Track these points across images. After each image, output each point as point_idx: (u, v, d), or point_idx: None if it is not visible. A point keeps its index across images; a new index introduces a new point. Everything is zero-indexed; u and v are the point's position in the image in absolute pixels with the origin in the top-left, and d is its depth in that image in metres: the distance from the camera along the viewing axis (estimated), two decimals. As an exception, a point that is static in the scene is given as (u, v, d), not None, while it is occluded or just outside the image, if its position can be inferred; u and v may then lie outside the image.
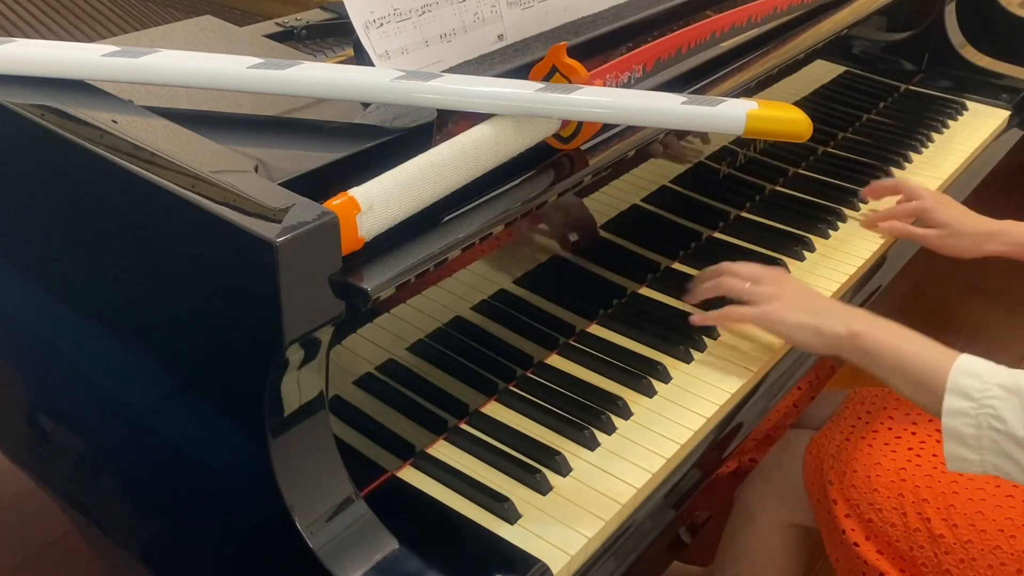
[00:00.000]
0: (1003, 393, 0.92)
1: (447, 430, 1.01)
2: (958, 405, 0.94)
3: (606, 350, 1.13)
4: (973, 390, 0.94)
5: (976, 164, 1.66)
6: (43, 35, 1.45)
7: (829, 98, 1.65)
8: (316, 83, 0.87)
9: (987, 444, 0.93)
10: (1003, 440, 0.92)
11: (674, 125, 0.95)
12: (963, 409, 0.94)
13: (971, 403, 0.94)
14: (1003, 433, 0.92)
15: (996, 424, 0.92)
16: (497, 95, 0.88)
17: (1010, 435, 0.91)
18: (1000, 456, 0.93)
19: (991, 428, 0.92)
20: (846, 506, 1.14)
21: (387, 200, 0.78)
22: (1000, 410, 0.92)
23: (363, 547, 0.80)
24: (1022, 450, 0.91)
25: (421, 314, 0.97)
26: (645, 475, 0.98)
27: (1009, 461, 0.92)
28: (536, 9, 1.11)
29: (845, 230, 1.41)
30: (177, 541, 0.93)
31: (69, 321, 0.95)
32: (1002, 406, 0.92)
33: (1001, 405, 0.92)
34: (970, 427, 0.93)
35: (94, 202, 0.86)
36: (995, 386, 0.93)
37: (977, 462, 0.95)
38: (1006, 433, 0.91)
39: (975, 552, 1.06)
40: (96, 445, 0.98)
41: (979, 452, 0.94)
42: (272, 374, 0.75)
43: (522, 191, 0.93)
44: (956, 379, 0.95)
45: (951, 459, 0.96)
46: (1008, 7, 1.95)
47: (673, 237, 1.31)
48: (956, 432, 0.95)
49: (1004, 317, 2.32)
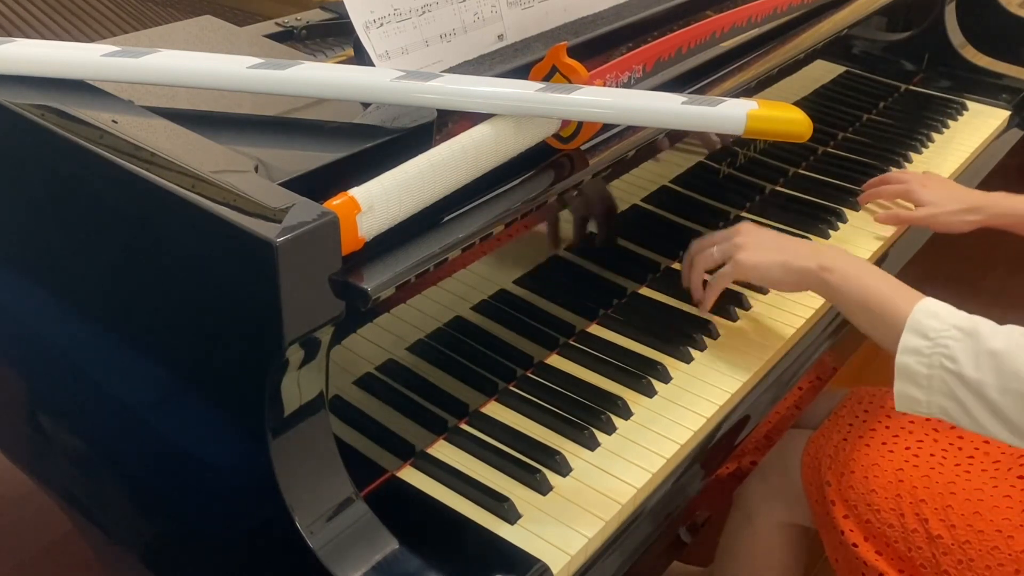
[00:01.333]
0: (959, 334, 0.93)
1: (447, 430, 1.01)
2: (914, 343, 0.95)
3: (606, 350, 1.13)
4: (930, 329, 0.94)
5: (976, 164, 1.66)
6: (43, 35, 1.45)
7: (829, 98, 1.65)
8: (316, 83, 0.87)
9: (937, 384, 0.93)
10: (952, 380, 0.92)
11: (674, 125, 0.95)
12: (918, 347, 0.94)
13: (927, 342, 0.94)
14: (953, 373, 0.92)
15: (948, 364, 0.92)
16: (497, 95, 0.88)
17: (960, 376, 0.92)
18: (947, 397, 0.93)
19: (943, 368, 0.93)
20: (844, 507, 1.14)
21: (387, 200, 0.78)
22: (954, 350, 0.92)
23: (363, 547, 0.80)
24: (968, 391, 0.92)
25: (421, 314, 0.97)
26: (645, 475, 0.98)
27: (955, 403, 0.93)
28: (536, 9, 1.11)
29: (845, 230, 1.41)
30: (177, 541, 0.93)
31: (69, 321, 0.95)
32: (956, 347, 0.92)
33: (956, 346, 0.92)
34: (922, 366, 0.94)
35: (94, 202, 0.86)
36: (952, 327, 0.93)
37: (924, 402, 0.95)
38: (956, 373, 0.92)
39: (973, 553, 1.06)
40: (96, 445, 0.98)
41: (928, 392, 0.94)
42: (272, 374, 0.75)
43: (522, 191, 0.93)
44: (916, 318, 0.96)
45: (899, 398, 0.97)
46: (1008, 7, 1.95)
47: (673, 237, 1.31)
48: (908, 370, 0.95)
49: (1004, 317, 2.31)
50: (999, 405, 0.91)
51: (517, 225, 1.01)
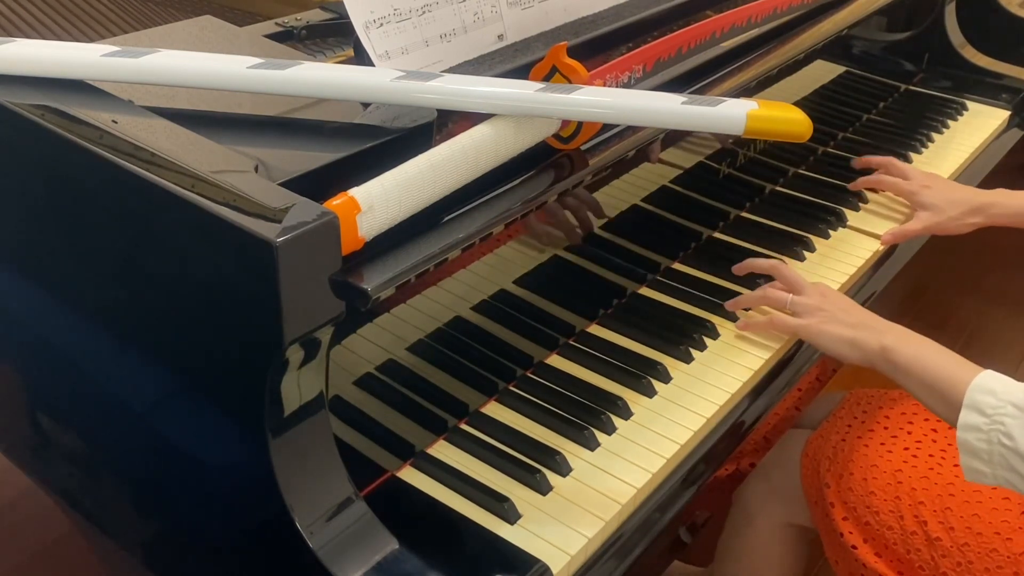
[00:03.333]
0: (1015, 411, 0.94)
1: (447, 430, 1.01)
2: (972, 420, 0.96)
3: (606, 350, 1.13)
4: (987, 406, 0.95)
5: (976, 164, 1.66)
6: (43, 35, 1.45)
7: (829, 98, 1.65)
8: (316, 83, 0.87)
9: (997, 459, 0.95)
10: (1011, 456, 0.94)
11: (674, 125, 0.94)
12: (976, 424, 0.96)
13: (984, 419, 0.95)
14: (1011, 450, 0.93)
15: (1006, 441, 0.94)
16: (497, 95, 0.88)
17: (1018, 452, 0.93)
18: (1009, 471, 0.95)
19: (1001, 444, 0.94)
20: (843, 508, 1.14)
21: (387, 200, 0.77)
22: (1010, 427, 0.94)
23: (363, 547, 0.80)
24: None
25: (421, 314, 0.97)
26: (645, 475, 0.98)
27: (1017, 476, 0.94)
28: (536, 9, 1.11)
29: (845, 230, 1.41)
30: (177, 541, 0.93)
31: (69, 321, 0.95)
32: (1012, 424, 0.93)
33: (1012, 423, 0.94)
34: (982, 442, 0.95)
35: (94, 202, 0.86)
36: (1008, 404, 0.95)
37: (990, 475, 0.97)
38: (1014, 450, 0.93)
39: (971, 555, 1.06)
40: (96, 445, 0.98)
41: (991, 466, 0.96)
42: (272, 374, 0.75)
43: (522, 191, 0.93)
44: (973, 395, 0.97)
45: (967, 470, 0.98)
46: (1008, 7, 1.95)
47: (673, 237, 1.31)
48: (969, 446, 0.96)
49: (1004, 317, 2.31)
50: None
51: (517, 225, 1.01)
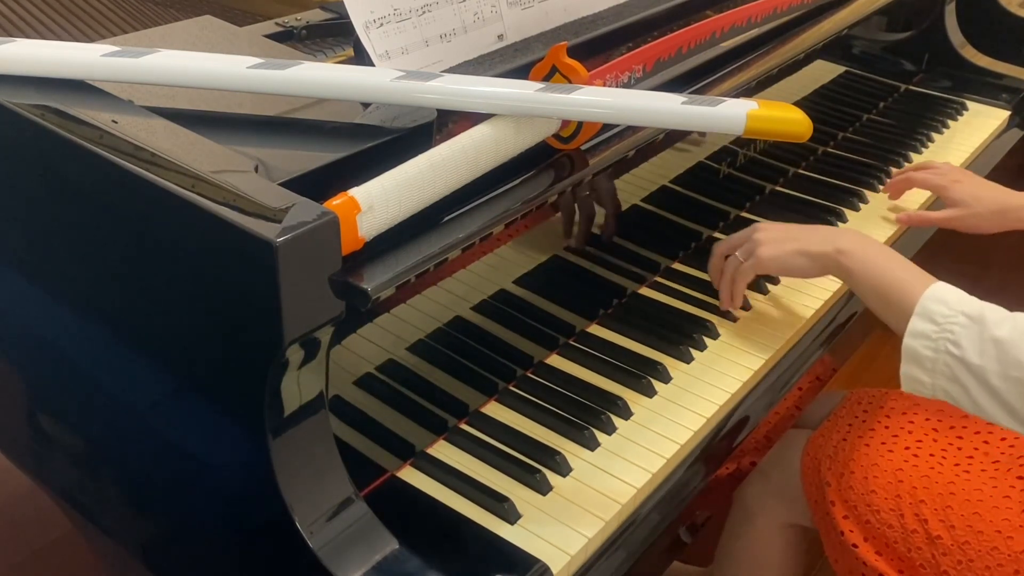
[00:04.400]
0: (966, 321, 0.95)
1: (447, 430, 1.01)
2: (921, 327, 0.97)
3: (606, 350, 1.13)
4: (938, 315, 0.97)
5: (976, 164, 1.66)
6: (43, 35, 1.45)
7: (829, 98, 1.65)
8: (316, 83, 0.87)
9: (941, 368, 0.96)
10: (956, 365, 0.95)
11: (674, 125, 0.95)
12: (925, 331, 0.97)
13: (934, 327, 0.96)
14: (957, 358, 0.95)
15: (953, 349, 0.95)
16: (497, 95, 0.88)
17: (963, 361, 0.94)
18: (950, 381, 0.96)
19: (947, 352, 0.95)
20: (844, 507, 1.14)
21: (387, 200, 0.77)
22: (959, 336, 0.95)
23: (363, 547, 0.80)
24: (971, 376, 0.94)
25: (421, 314, 0.97)
26: (645, 475, 0.98)
27: (958, 387, 0.95)
28: (536, 9, 1.11)
29: (848, 227, 1.41)
30: (177, 541, 0.93)
31: (69, 321, 0.95)
32: (962, 333, 0.95)
33: (961, 332, 0.95)
34: (928, 350, 0.96)
35: (94, 202, 0.86)
36: (960, 313, 0.96)
37: (929, 385, 0.98)
38: (960, 359, 0.94)
39: (972, 553, 1.06)
40: (96, 445, 0.98)
41: (932, 375, 0.97)
42: (272, 374, 0.75)
43: (522, 191, 0.93)
44: (925, 303, 0.98)
45: (905, 379, 0.99)
46: (1008, 7, 1.95)
47: (673, 237, 1.31)
48: (914, 353, 0.98)
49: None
50: (1000, 391, 0.93)
51: (517, 225, 1.01)
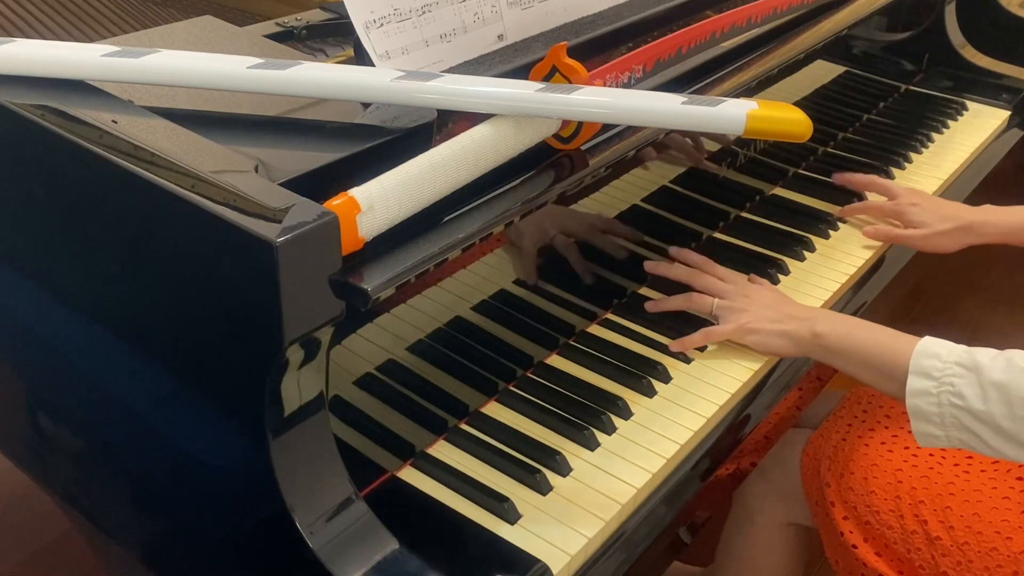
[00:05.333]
0: (961, 371, 0.96)
1: (447, 430, 1.01)
2: (920, 385, 0.98)
3: (606, 350, 1.13)
4: (934, 369, 0.98)
5: (976, 164, 1.66)
6: (43, 35, 1.45)
7: (829, 98, 1.65)
8: (316, 83, 0.87)
9: (949, 420, 0.97)
10: (963, 415, 0.95)
11: (674, 125, 0.95)
12: (925, 388, 0.98)
13: (932, 382, 0.97)
14: (963, 409, 0.95)
15: (956, 401, 0.96)
16: (497, 95, 0.88)
17: (969, 410, 0.95)
18: (962, 431, 0.96)
19: (952, 405, 0.96)
20: (844, 508, 1.14)
21: (387, 200, 0.77)
22: (959, 387, 0.96)
23: (363, 547, 0.80)
24: (981, 424, 0.95)
25: (421, 314, 0.97)
26: (645, 475, 0.98)
27: (971, 435, 0.96)
28: (536, 9, 1.11)
29: (845, 230, 1.41)
30: (177, 541, 0.93)
31: (69, 321, 0.95)
32: (961, 383, 0.96)
33: (960, 383, 0.96)
34: (932, 405, 0.97)
35: (94, 202, 0.86)
36: (954, 364, 0.97)
37: (943, 437, 0.98)
38: (965, 408, 0.95)
39: (972, 554, 1.06)
40: (96, 445, 0.98)
41: (943, 428, 0.98)
42: (272, 374, 0.75)
43: (522, 191, 0.93)
44: (918, 360, 0.99)
45: (919, 435, 1.00)
46: (1008, 7, 1.95)
47: (673, 237, 1.31)
48: (920, 411, 0.98)
49: (1005, 317, 2.31)
50: (1012, 432, 0.94)
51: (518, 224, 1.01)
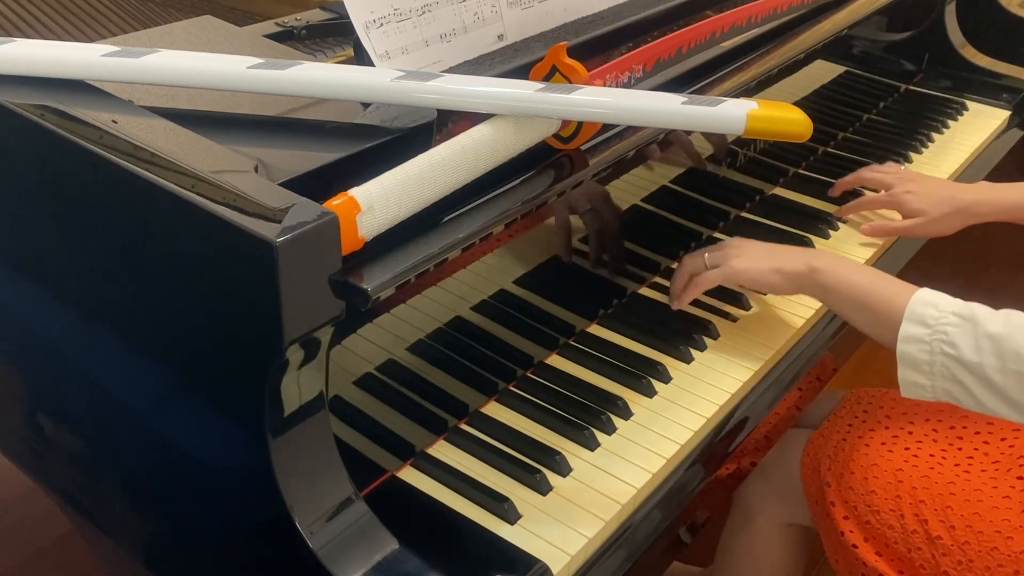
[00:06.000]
0: (958, 320, 0.96)
1: (447, 430, 1.01)
2: (914, 331, 0.98)
3: (606, 350, 1.13)
4: (929, 317, 0.97)
5: (976, 164, 1.66)
6: (43, 35, 1.45)
7: (829, 98, 1.65)
8: (316, 83, 0.87)
9: (939, 369, 0.96)
10: (953, 365, 0.95)
11: (674, 125, 0.95)
12: (918, 335, 0.97)
13: (926, 329, 0.97)
14: (954, 358, 0.95)
15: (948, 350, 0.95)
16: (497, 95, 0.88)
17: (960, 360, 0.95)
18: (950, 381, 0.96)
19: (943, 353, 0.96)
20: (844, 508, 1.14)
21: (387, 200, 0.77)
22: (953, 336, 0.95)
23: (363, 547, 0.80)
24: (970, 374, 0.95)
25: (421, 314, 0.97)
26: (645, 475, 0.98)
27: (958, 386, 0.96)
28: (536, 9, 1.11)
29: (845, 230, 1.41)
30: (177, 541, 0.93)
31: (69, 321, 0.95)
32: (955, 332, 0.95)
33: (954, 331, 0.95)
34: (924, 352, 0.97)
35: (94, 202, 0.86)
36: (950, 313, 0.96)
37: (929, 387, 0.98)
38: (957, 358, 0.95)
39: (972, 554, 1.06)
40: (96, 445, 0.98)
41: (931, 377, 0.97)
42: (272, 374, 0.75)
43: (522, 191, 0.93)
44: (913, 308, 0.99)
45: (904, 385, 1.00)
46: (1008, 7, 1.95)
47: (673, 237, 1.31)
48: (910, 357, 0.98)
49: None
50: (1001, 386, 0.93)
51: (517, 225, 1.01)
